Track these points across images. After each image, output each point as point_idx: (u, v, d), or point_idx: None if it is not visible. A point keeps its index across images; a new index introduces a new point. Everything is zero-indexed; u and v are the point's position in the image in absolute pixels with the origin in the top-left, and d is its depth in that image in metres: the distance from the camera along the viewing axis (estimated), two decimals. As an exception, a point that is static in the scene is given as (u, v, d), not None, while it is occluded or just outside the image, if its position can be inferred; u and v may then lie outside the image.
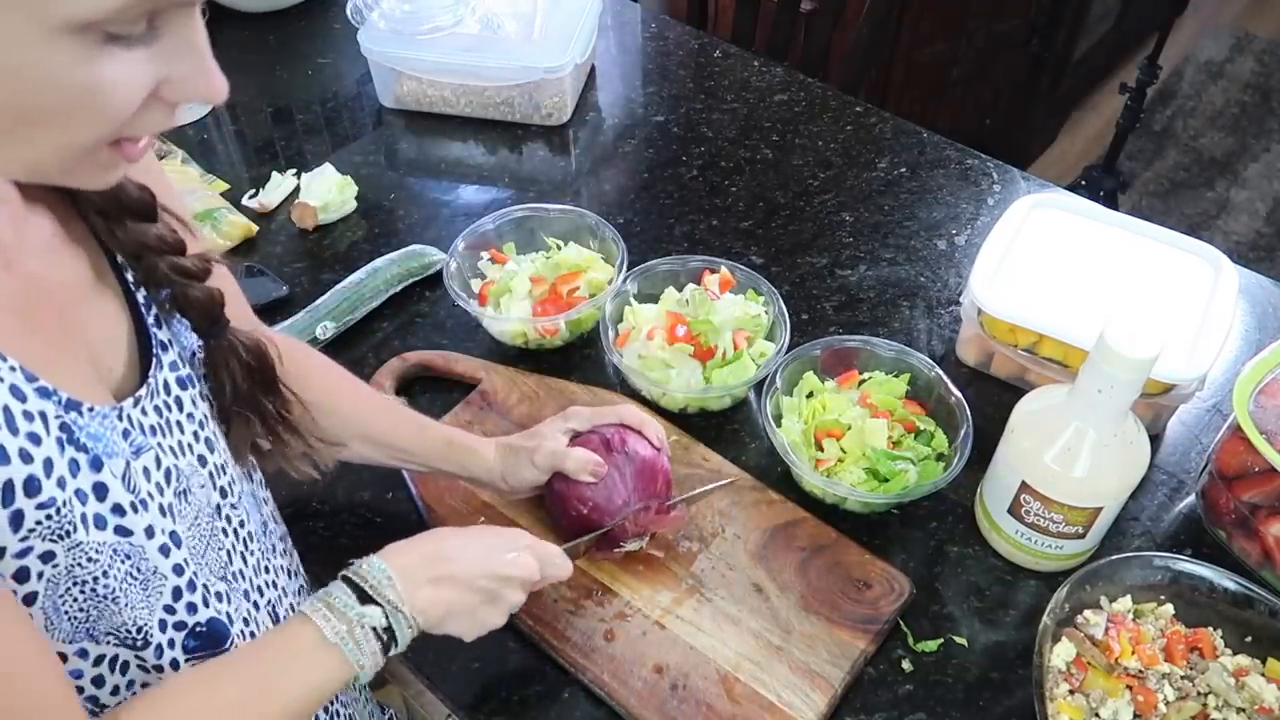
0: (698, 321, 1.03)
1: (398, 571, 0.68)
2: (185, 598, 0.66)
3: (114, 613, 0.62)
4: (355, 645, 0.65)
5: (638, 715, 0.82)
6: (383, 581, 0.68)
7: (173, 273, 0.65)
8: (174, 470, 0.65)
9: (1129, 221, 1.10)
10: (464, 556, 0.73)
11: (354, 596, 0.67)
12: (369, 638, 0.66)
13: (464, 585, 0.72)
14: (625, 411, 0.93)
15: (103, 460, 0.58)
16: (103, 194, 0.62)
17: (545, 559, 0.78)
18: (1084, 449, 0.83)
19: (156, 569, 0.63)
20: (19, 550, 0.54)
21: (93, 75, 0.47)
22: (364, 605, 0.67)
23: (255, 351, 0.71)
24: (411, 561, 0.70)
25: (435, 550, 0.72)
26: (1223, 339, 0.97)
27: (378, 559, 0.69)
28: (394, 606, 0.67)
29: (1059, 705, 0.78)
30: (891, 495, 0.92)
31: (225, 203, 1.27)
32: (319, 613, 0.66)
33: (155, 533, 0.63)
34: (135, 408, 0.62)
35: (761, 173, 1.35)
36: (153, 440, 0.64)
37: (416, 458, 0.91)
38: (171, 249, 0.65)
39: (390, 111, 1.46)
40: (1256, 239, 2.84)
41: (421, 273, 1.19)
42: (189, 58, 0.52)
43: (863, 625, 0.87)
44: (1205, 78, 3.35)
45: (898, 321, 1.16)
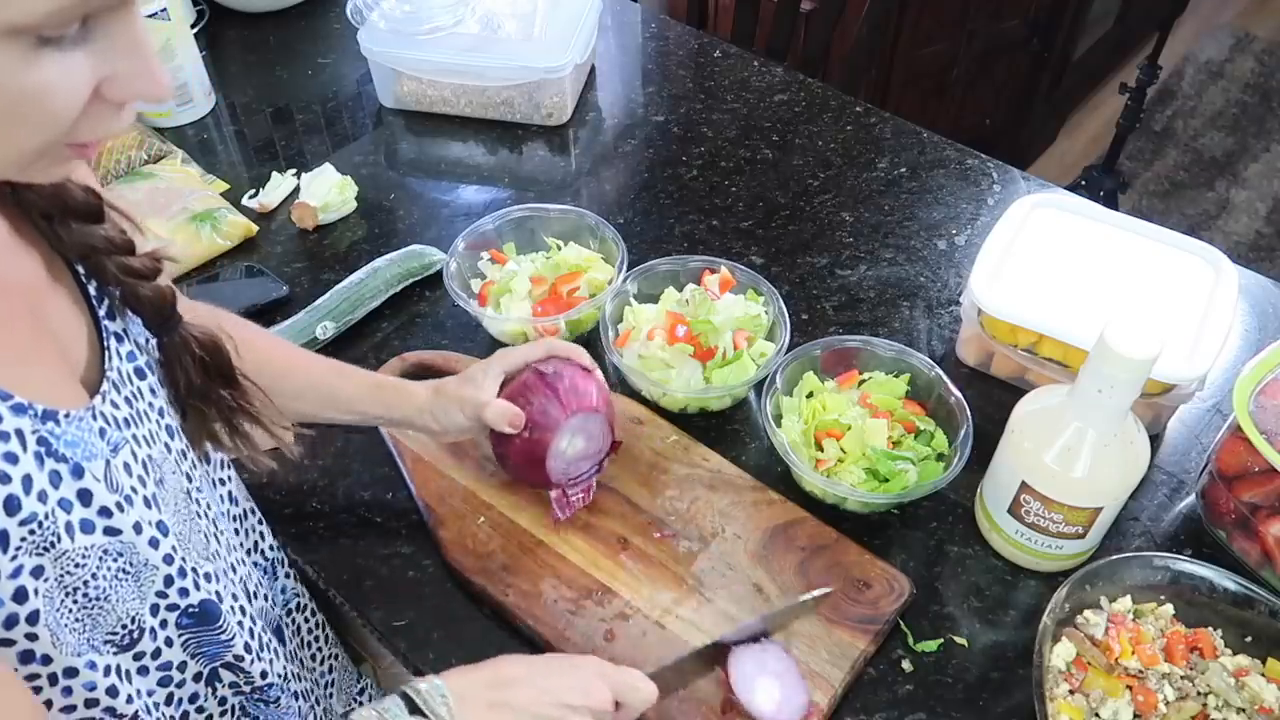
0: (698, 321, 1.03)
1: (455, 692, 0.67)
2: (176, 584, 0.67)
3: (107, 612, 0.62)
4: None
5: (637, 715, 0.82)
6: (437, 700, 0.66)
7: (121, 273, 0.65)
8: (149, 460, 0.66)
9: (1129, 221, 1.10)
10: (525, 684, 0.70)
11: (405, 709, 0.66)
12: None
13: (523, 713, 0.68)
14: (555, 344, 0.92)
15: (83, 466, 0.58)
16: (46, 196, 0.61)
17: (621, 687, 0.73)
18: (1084, 449, 0.83)
19: (147, 561, 0.64)
20: (12, 570, 0.54)
21: (29, 79, 0.46)
22: (413, 717, 0.66)
23: (210, 346, 0.71)
24: (471, 683, 0.69)
25: (497, 675, 0.70)
26: (1223, 339, 0.97)
27: (438, 678, 0.68)
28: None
29: (1059, 705, 0.78)
30: (891, 495, 0.92)
31: (225, 203, 1.27)
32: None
33: (143, 526, 0.63)
34: (105, 403, 0.63)
35: (761, 173, 1.35)
36: (127, 433, 0.64)
37: (347, 404, 0.91)
38: (119, 249, 0.65)
39: (390, 111, 1.46)
40: (1256, 239, 2.84)
41: (421, 273, 1.19)
42: (129, 56, 0.51)
43: (863, 625, 0.87)
44: (1205, 78, 3.35)
45: (898, 321, 1.16)
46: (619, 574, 0.91)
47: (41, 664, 0.58)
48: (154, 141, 1.35)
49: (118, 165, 1.30)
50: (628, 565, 0.91)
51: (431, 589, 0.92)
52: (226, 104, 1.47)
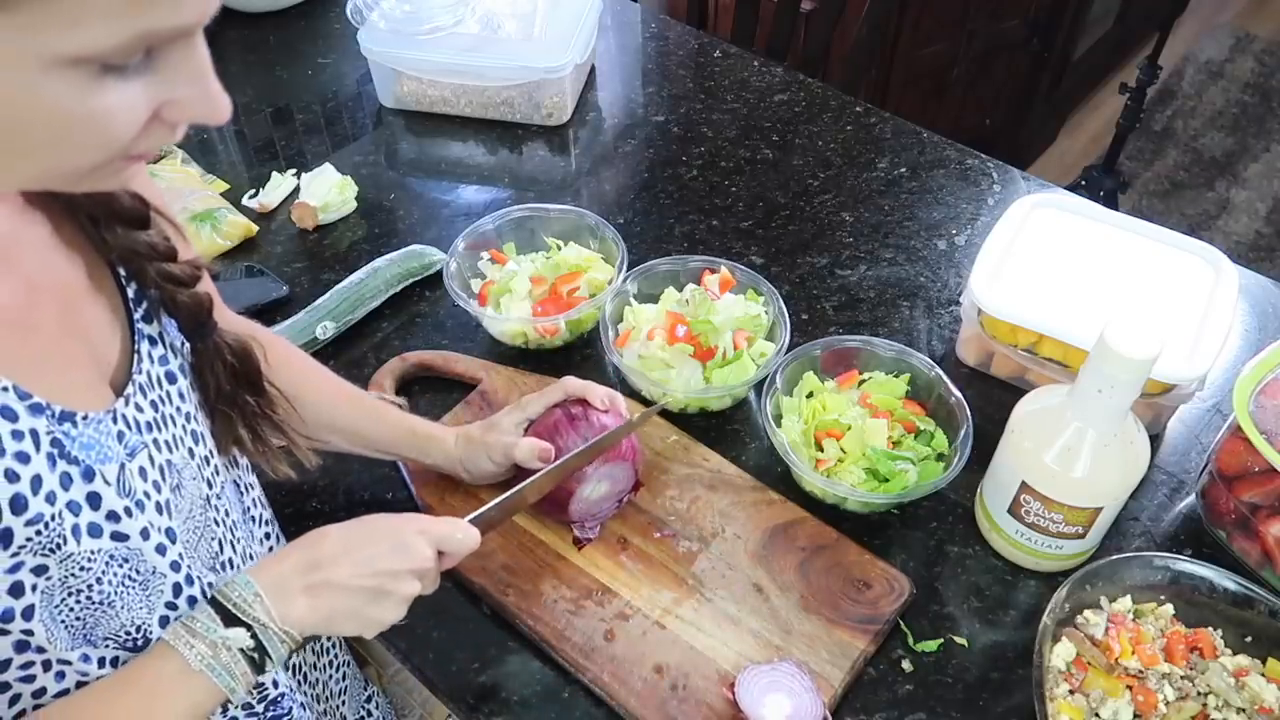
0: (698, 321, 1.03)
1: (267, 586, 0.65)
2: (185, 592, 0.67)
3: (110, 617, 0.62)
4: (223, 669, 0.62)
5: (638, 715, 0.82)
6: (249, 599, 0.64)
7: (161, 278, 0.66)
8: (168, 466, 0.66)
9: (1129, 221, 1.10)
10: (341, 559, 0.68)
11: (218, 619, 0.64)
12: (237, 659, 0.63)
13: (343, 589, 0.67)
14: (569, 384, 0.93)
15: (95, 470, 0.58)
16: (95, 200, 0.62)
17: (442, 538, 0.73)
18: (1084, 449, 0.83)
19: (155, 569, 0.64)
20: (11, 566, 0.54)
21: (89, 107, 0.46)
22: (229, 628, 0.63)
23: (241, 353, 0.72)
24: (282, 573, 0.66)
25: (309, 558, 0.68)
26: (1223, 339, 0.97)
27: (245, 575, 0.66)
28: (262, 625, 0.64)
29: (1059, 705, 0.78)
30: (891, 495, 0.92)
31: (225, 203, 1.27)
32: (181, 639, 0.63)
33: (151, 533, 0.63)
34: (128, 406, 0.63)
35: (761, 173, 1.35)
36: (147, 437, 0.64)
37: (379, 445, 0.93)
38: (162, 256, 0.65)
39: (390, 111, 1.46)
40: (1256, 239, 2.84)
41: (421, 273, 1.19)
42: (191, 81, 0.51)
43: (863, 625, 0.87)
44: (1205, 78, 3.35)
45: (898, 321, 1.16)
46: (619, 574, 0.91)
47: (36, 653, 0.58)
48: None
49: (118, 165, 1.30)
50: (628, 565, 0.91)
51: (431, 589, 0.92)
52: (226, 104, 1.47)
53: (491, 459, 0.91)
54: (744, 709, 0.80)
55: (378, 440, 0.93)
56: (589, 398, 0.92)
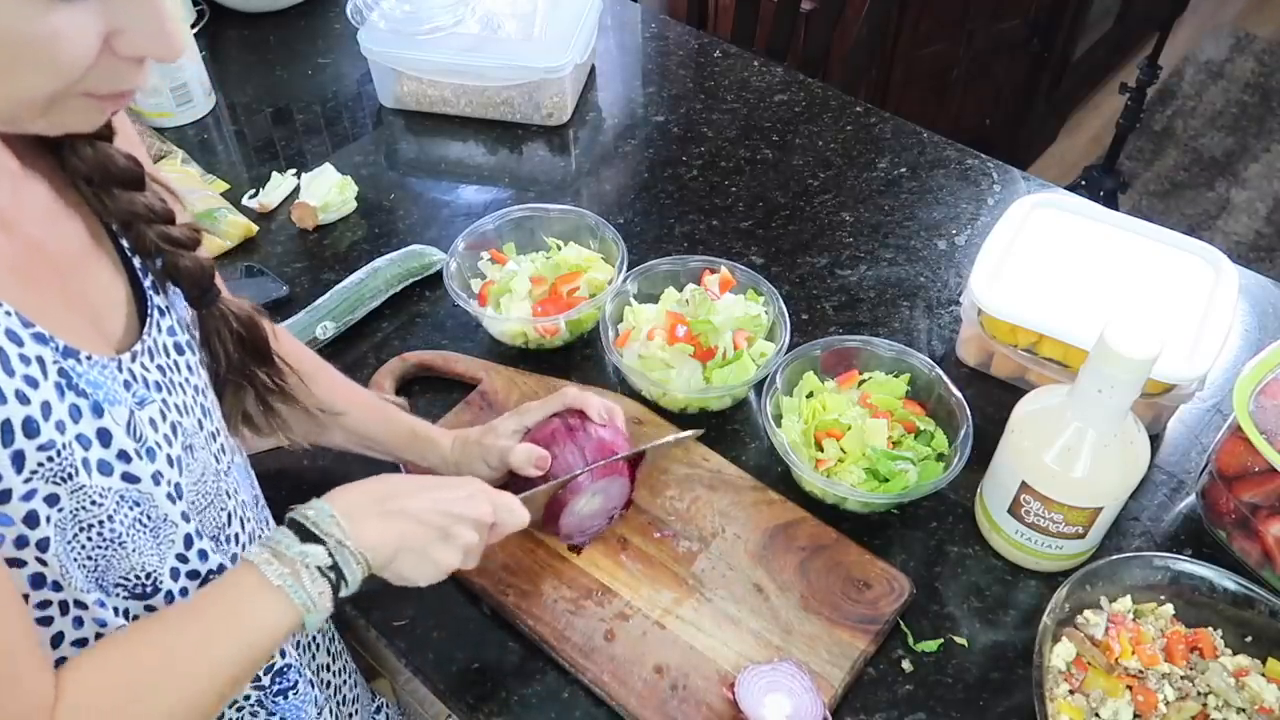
0: (698, 321, 1.03)
1: (343, 509, 0.67)
2: (196, 545, 0.67)
3: (121, 558, 0.62)
4: (300, 586, 0.63)
5: (638, 715, 0.82)
6: (326, 519, 0.66)
7: (162, 241, 0.65)
8: (178, 426, 0.66)
9: (1129, 221, 1.10)
10: (416, 493, 0.71)
11: (295, 537, 0.65)
12: (315, 577, 0.64)
13: (414, 519, 0.70)
14: (568, 394, 0.92)
15: (104, 407, 0.59)
16: (90, 163, 0.62)
17: (500, 504, 0.76)
18: (1084, 449, 0.83)
19: (166, 516, 0.64)
20: (25, 493, 0.54)
21: (36, 29, 0.47)
22: (306, 544, 0.65)
23: (247, 322, 0.72)
24: (358, 498, 0.69)
25: (384, 488, 0.71)
26: (1223, 339, 0.97)
27: (322, 499, 0.68)
28: (338, 542, 0.65)
29: (1059, 705, 0.78)
30: (891, 495, 0.92)
31: (225, 203, 1.27)
32: (261, 556, 0.64)
33: (162, 480, 0.63)
34: (134, 362, 0.63)
35: (761, 173, 1.35)
36: (157, 395, 0.64)
37: (382, 445, 0.93)
38: (160, 218, 0.65)
39: (390, 111, 1.46)
40: (1256, 239, 2.84)
41: (421, 273, 1.19)
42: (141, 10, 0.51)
43: (863, 625, 0.87)
44: (1205, 78, 3.35)
45: (898, 321, 1.16)
46: (619, 574, 0.91)
47: (53, 590, 0.58)
48: (154, 141, 1.35)
49: (118, 165, 1.30)
50: (628, 565, 0.91)
51: (431, 589, 0.91)
52: (226, 104, 1.47)
53: (487, 462, 0.90)
54: (744, 709, 0.80)
55: (380, 440, 0.93)
56: (587, 410, 0.91)
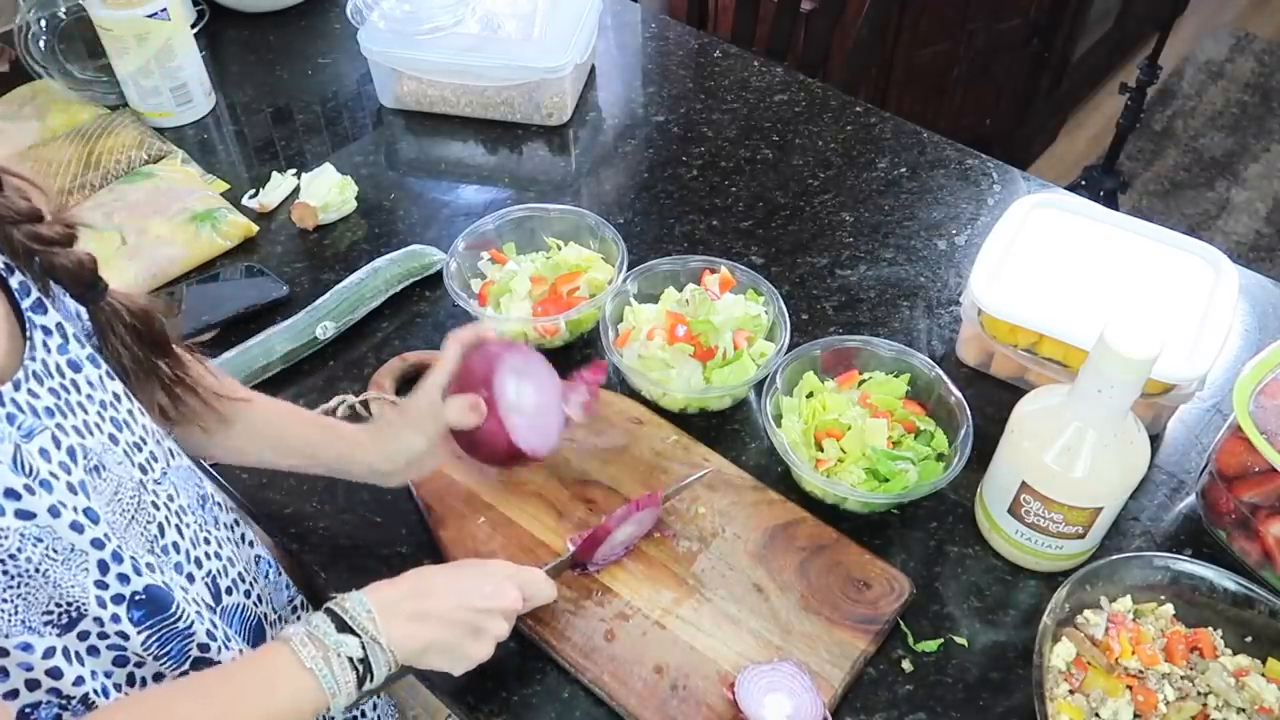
0: (698, 321, 1.03)
1: (378, 605, 0.70)
2: (114, 569, 0.66)
3: (37, 590, 0.62)
4: (330, 673, 0.67)
5: (638, 715, 0.82)
6: (362, 614, 0.70)
7: (32, 241, 0.63)
8: (79, 448, 0.65)
9: (1129, 221, 1.10)
10: (444, 592, 0.74)
11: (332, 625, 0.69)
12: (345, 667, 0.68)
13: (443, 620, 0.73)
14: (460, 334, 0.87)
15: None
16: None
17: (527, 585, 0.79)
18: (1084, 449, 0.83)
19: (74, 546, 0.63)
20: None
21: None
22: (341, 634, 0.68)
23: (141, 315, 0.71)
24: (392, 596, 0.72)
25: (416, 586, 0.74)
26: (1223, 339, 0.97)
27: (359, 593, 0.71)
28: (371, 638, 0.69)
29: (1059, 705, 0.78)
30: (891, 495, 0.92)
31: (225, 203, 1.27)
32: (297, 638, 0.68)
33: (63, 511, 0.62)
34: (17, 391, 0.61)
35: (761, 173, 1.35)
36: (49, 421, 0.63)
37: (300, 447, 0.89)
38: (26, 217, 0.63)
39: (390, 111, 1.46)
40: (1256, 239, 2.84)
41: (421, 273, 1.19)
42: None
43: (863, 625, 0.87)
44: (1205, 78, 3.35)
45: (898, 321, 1.16)
46: (619, 574, 0.91)
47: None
48: (154, 141, 1.35)
49: (118, 165, 1.30)
50: (628, 565, 0.91)
51: (431, 589, 0.92)
52: (226, 104, 1.47)
53: (423, 433, 0.86)
54: (744, 709, 0.80)
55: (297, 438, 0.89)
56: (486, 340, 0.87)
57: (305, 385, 1.09)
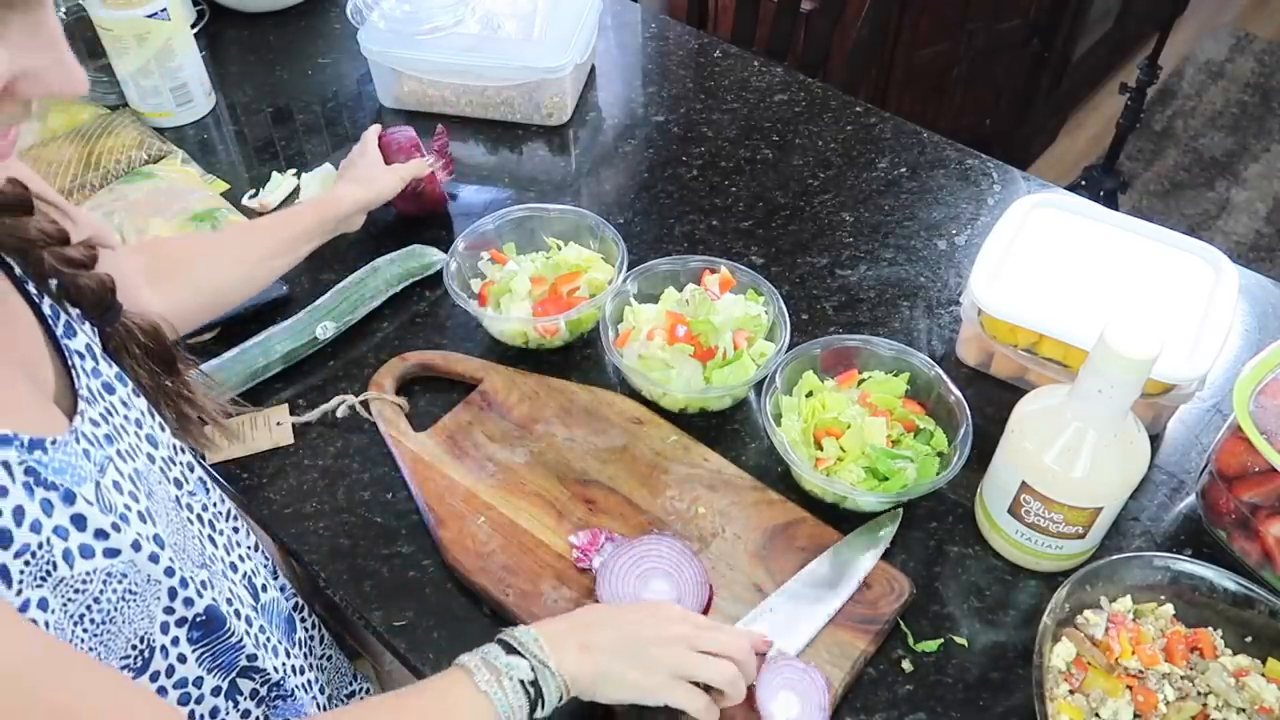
0: (698, 321, 1.03)
1: (546, 635, 0.72)
2: (180, 595, 0.67)
3: (115, 634, 0.62)
4: (503, 693, 0.68)
5: (639, 715, 0.82)
6: (530, 641, 0.71)
7: (60, 264, 0.64)
8: (136, 474, 0.65)
9: (1129, 221, 1.10)
10: (608, 623, 0.75)
11: (502, 651, 0.71)
12: (516, 689, 0.69)
13: (607, 650, 0.73)
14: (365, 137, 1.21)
15: (74, 492, 0.58)
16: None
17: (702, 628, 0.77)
18: (1084, 449, 0.83)
19: (150, 576, 0.64)
20: (20, 604, 0.54)
21: None
22: (510, 655, 0.70)
23: (151, 332, 0.72)
24: (560, 629, 0.73)
25: (584, 619, 0.75)
26: (1223, 339, 0.96)
27: (527, 626, 0.73)
28: (540, 661, 0.70)
29: (1059, 705, 0.78)
30: (891, 494, 0.92)
31: (225, 203, 1.27)
32: (472, 663, 0.69)
33: (142, 544, 0.62)
34: (84, 422, 0.62)
35: (761, 173, 1.35)
36: (110, 449, 0.63)
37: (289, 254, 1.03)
38: (55, 240, 0.64)
39: (390, 111, 1.46)
40: (1256, 239, 2.84)
41: (421, 273, 1.19)
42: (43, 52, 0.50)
43: (863, 625, 0.87)
44: (1205, 78, 3.35)
45: (898, 321, 1.16)
46: (619, 574, 0.91)
47: None
48: (154, 141, 1.35)
49: (118, 165, 1.30)
50: (628, 565, 0.91)
51: (431, 589, 0.92)
52: (226, 104, 1.47)
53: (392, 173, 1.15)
54: (757, 693, 0.79)
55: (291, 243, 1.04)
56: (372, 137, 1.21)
57: (305, 385, 1.09)
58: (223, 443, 0.83)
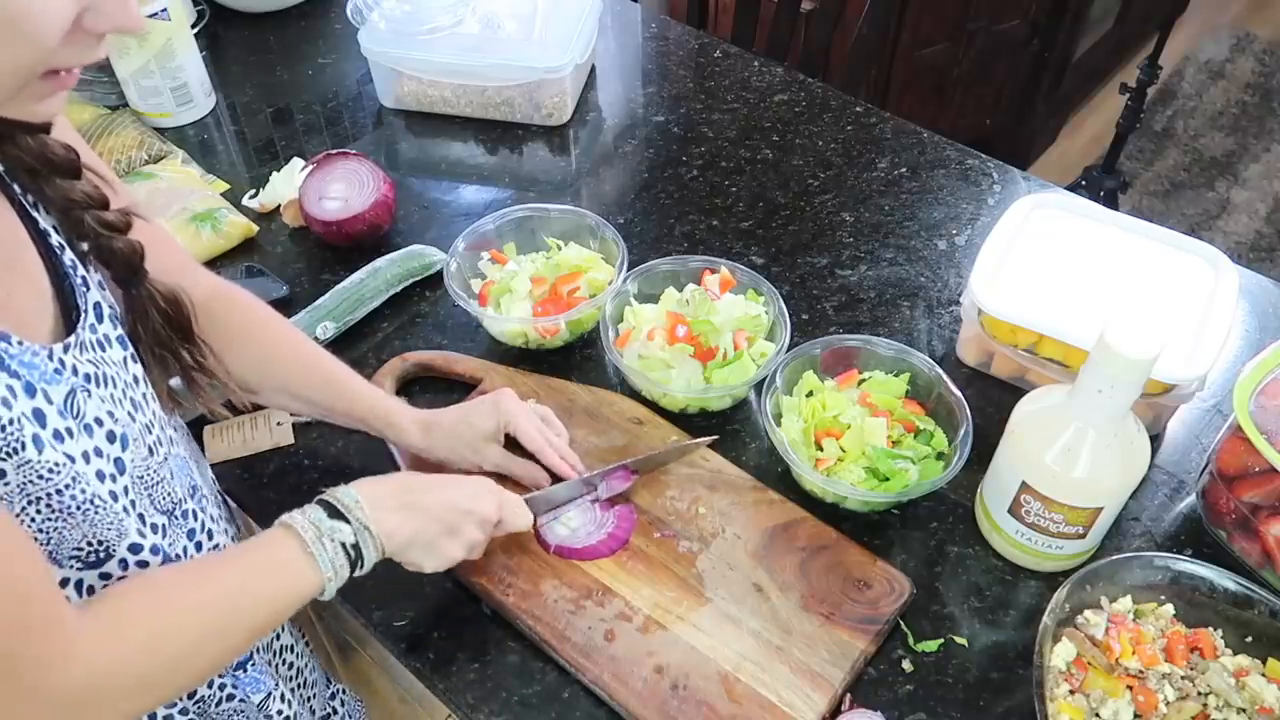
0: (698, 321, 1.03)
1: (367, 497, 0.75)
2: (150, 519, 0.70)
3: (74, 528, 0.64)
4: (327, 556, 0.71)
5: (638, 715, 0.82)
6: (353, 504, 0.74)
7: (97, 226, 0.69)
8: (111, 415, 0.68)
9: (1129, 221, 1.10)
10: (433, 489, 0.80)
11: (325, 514, 0.73)
12: (338, 551, 0.72)
13: (427, 515, 0.78)
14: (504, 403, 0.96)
15: (36, 387, 0.60)
16: (32, 153, 0.65)
17: (505, 506, 0.85)
18: (1084, 449, 0.83)
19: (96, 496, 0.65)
20: None
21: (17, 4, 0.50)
22: (334, 520, 0.73)
23: (172, 301, 0.75)
24: (381, 490, 0.77)
25: (403, 483, 0.80)
26: (1223, 339, 0.96)
27: (348, 486, 0.76)
28: (362, 525, 0.74)
29: (1059, 705, 0.78)
30: (891, 494, 0.92)
31: (225, 203, 1.27)
32: (298, 523, 0.72)
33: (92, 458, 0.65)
34: (65, 353, 0.64)
35: (761, 173, 1.35)
36: (91, 385, 0.66)
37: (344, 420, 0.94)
38: (96, 204, 0.68)
39: (390, 111, 1.46)
40: (1256, 239, 2.84)
41: (421, 273, 1.19)
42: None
43: (863, 625, 0.87)
44: (1205, 78, 3.35)
45: (898, 321, 1.16)
46: (619, 574, 0.91)
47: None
48: (154, 141, 1.35)
49: (118, 165, 1.30)
50: (628, 565, 0.91)
51: (431, 589, 0.92)
52: (226, 104, 1.47)
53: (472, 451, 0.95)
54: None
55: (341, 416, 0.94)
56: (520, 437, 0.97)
57: (305, 385, 1.09)
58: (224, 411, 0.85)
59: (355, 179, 1.21)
